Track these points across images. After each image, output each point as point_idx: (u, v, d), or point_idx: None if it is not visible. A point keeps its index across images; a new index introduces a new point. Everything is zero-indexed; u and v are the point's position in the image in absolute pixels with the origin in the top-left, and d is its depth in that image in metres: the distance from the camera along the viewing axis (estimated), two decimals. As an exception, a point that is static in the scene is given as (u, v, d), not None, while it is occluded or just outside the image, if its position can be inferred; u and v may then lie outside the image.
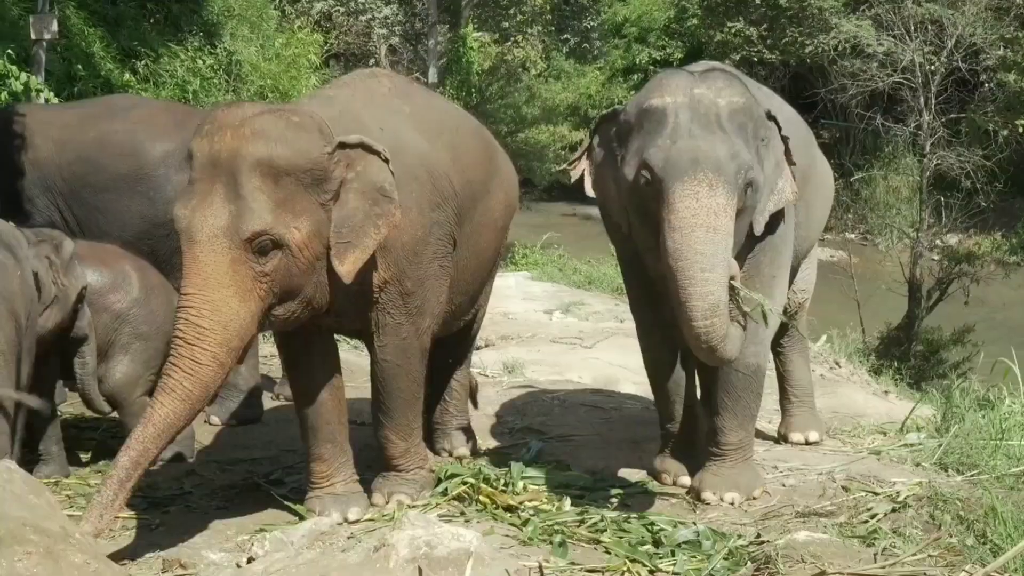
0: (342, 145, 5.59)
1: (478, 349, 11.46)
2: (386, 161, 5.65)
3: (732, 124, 5.67)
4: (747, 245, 6.06)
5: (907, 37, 20.41)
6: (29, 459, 6.52)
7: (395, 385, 6.16)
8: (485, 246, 6.66)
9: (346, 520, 5.99)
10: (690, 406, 6.69)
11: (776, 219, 6.16)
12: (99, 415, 7.07)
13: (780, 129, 5.94)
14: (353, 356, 9.00)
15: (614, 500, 6.29)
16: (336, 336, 6.33)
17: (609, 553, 5.59)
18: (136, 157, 7.68)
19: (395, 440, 6.28)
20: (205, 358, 5.28)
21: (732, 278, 5.59)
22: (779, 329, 7.18)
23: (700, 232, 5.46)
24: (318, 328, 6.04)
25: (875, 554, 5.51)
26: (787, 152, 6.01)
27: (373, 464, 6.45)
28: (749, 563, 5.40)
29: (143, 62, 17.41)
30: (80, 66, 15.81)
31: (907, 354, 17.92)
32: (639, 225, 5.89)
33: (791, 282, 7.10)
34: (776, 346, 7.45)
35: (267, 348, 9.55)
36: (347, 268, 5.59)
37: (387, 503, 6.20)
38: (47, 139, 7.85)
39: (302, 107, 5.89)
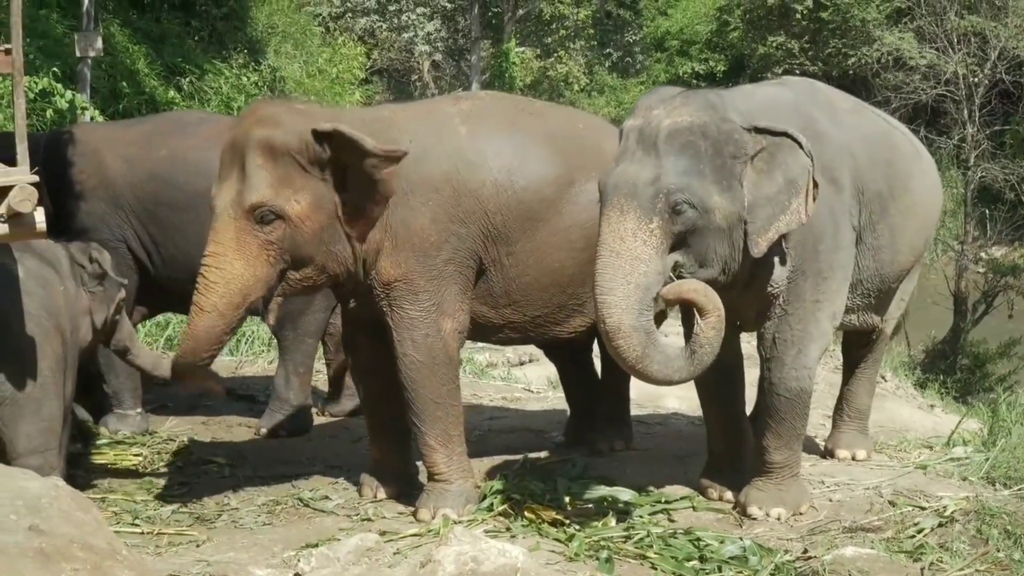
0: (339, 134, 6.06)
1: (521, 364, 11.48)
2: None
3: (670, 145, 5.65)
4: (779, 269, 6.05)
5: (950, 49, 20.36)
6: (71, 473, 6.57)
7: (420, 382, 6.34)
8: (558, 265, 6.64)
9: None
10: (736, 422, 6.66)
11: (817, 243, 6.11)
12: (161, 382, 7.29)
13: (801, 146, 5.80)
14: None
15: (660, 515, 6.28)
16: None
17: (655, 569, 5.59)
18: (212, 174, 7.68)
19: (434, 445, 6.39)
20: (207, 306, 6.02)
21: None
22: (857, 350, 7.33)
23: (605, 256, 5.61)
24: (367, 326, 6.54)
25: (922, 569, 5.50)
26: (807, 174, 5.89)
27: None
28: (796, 578, 5.40)
29: (188, 79, 17.52)
30: (125, 83, 15.91)
31: (953, 367, 17.84)
32: None
33: (883, 309, 7.06)
34: (851, 365, 7.45)
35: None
36: (357, 232, 6.16)
37: (433, 518, 6.24)
38: (116, 157, 7.81)
39: (334, 109, 6.38)
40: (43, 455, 5.90)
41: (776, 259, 5.99)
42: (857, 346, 7.32)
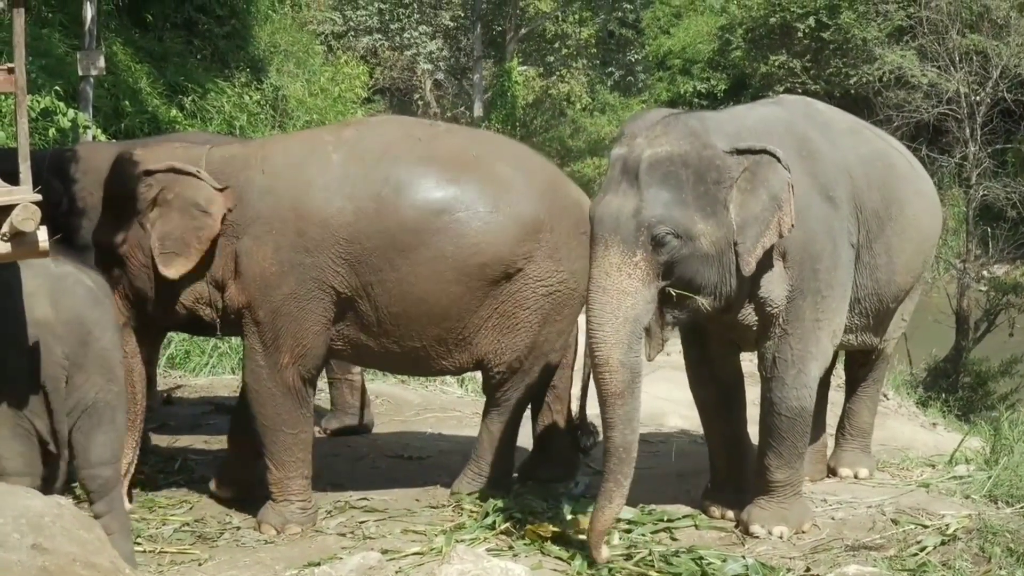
0: (148, 172, 6.55)
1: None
2: (201, 179, 6.48)
3: (652, 176, 5.69)
4: (778, 289, 6.06)
5: (952, 68, 20.33)
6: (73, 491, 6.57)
7: (256, 408, 6.57)
8: (425, 296, 6.52)
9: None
10: (738, 440, 6.66)
11: (815, 263, 6.11)
12: None
13: (779, 160, 5.81)
14: (399, 390, 8.99)
15: (662, 533, 6.28)
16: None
17: (658, 587, 5.59)
18: None
19: (269, 467, 6.58)
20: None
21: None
22: (858, 369, 7.34)
23: (592, 292, 5.73)
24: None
25: (925, 587, 5.50)
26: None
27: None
28: (799, 597, 5.40)
29: (190, 98, 17.53)
30: (127, 102, 15.91)
31: (955, 386, 17.79)
32: None
33: (882, 329, 7.04)
34: (852, 384, 7.46)
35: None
36: (172, 272, 6.47)
37: (259, 530, 6.56)
38: None
39: (181, 145, 6.92)
40: (114, 467, 5.81)
41: (774, 279, 6.00)
42: (858, 365, 7.32)
